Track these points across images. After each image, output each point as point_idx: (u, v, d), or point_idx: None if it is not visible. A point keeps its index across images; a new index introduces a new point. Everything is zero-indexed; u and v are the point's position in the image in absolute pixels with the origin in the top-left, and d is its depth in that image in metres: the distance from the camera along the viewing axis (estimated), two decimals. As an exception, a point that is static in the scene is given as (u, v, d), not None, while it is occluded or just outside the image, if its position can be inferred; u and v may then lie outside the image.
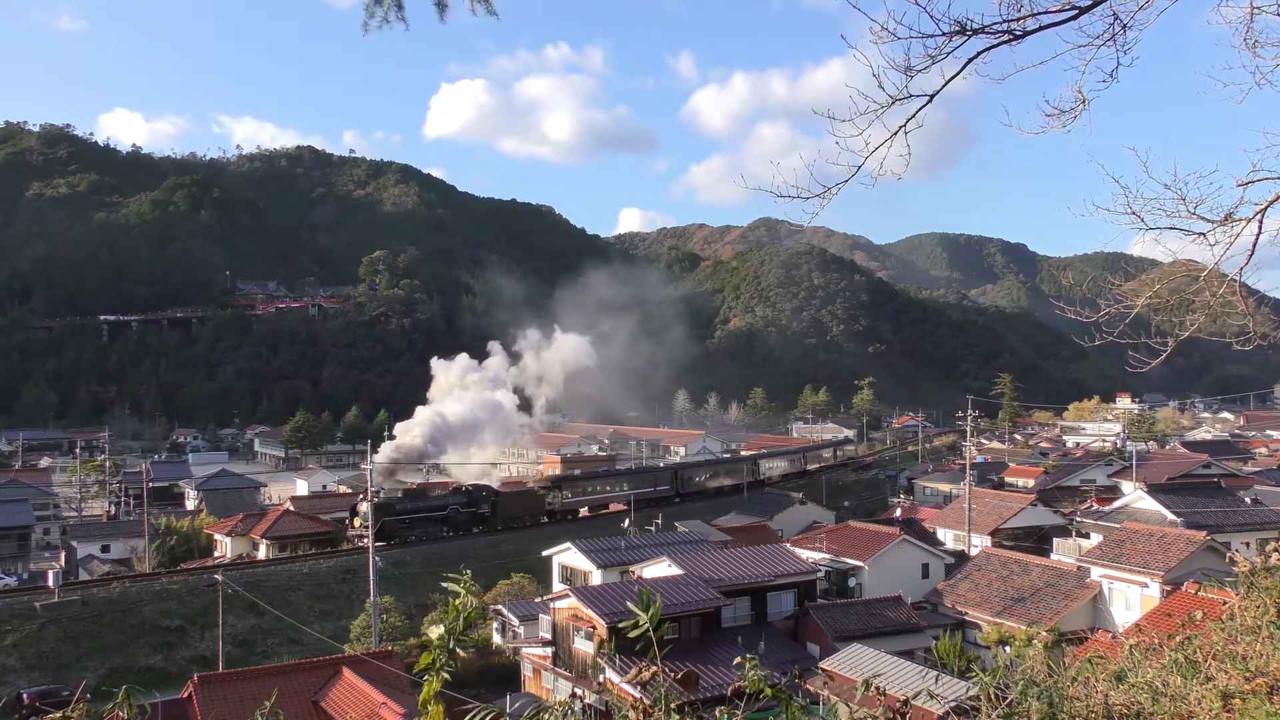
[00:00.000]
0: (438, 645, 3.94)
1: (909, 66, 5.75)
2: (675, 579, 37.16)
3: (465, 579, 4.26)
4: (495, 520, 70.58)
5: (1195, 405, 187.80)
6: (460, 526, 69.09)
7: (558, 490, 76.68)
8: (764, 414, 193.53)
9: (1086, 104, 6.16)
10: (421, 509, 67.16)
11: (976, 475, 72.72)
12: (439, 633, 4.01)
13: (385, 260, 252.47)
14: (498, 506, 71.23)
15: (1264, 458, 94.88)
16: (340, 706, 26.12)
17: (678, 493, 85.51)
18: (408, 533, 65.57)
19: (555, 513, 75.21)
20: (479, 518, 70.20)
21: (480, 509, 70.12)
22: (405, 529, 65.55)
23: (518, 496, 75.17)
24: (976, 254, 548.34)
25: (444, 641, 3.96)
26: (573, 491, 77.94)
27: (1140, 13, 5.73)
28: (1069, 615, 37.80)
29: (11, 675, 44.08)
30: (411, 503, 67.45)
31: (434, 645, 3.94)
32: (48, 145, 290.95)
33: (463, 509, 69.21)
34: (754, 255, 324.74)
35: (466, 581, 4.24)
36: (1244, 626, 4.98)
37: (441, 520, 67.94)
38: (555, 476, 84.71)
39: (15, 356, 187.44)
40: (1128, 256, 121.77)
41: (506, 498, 73.44)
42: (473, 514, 69.59)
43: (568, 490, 77.55)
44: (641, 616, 4.07)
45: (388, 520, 63.45)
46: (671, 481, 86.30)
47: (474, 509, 69.73)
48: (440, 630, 4.02)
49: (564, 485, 78.63)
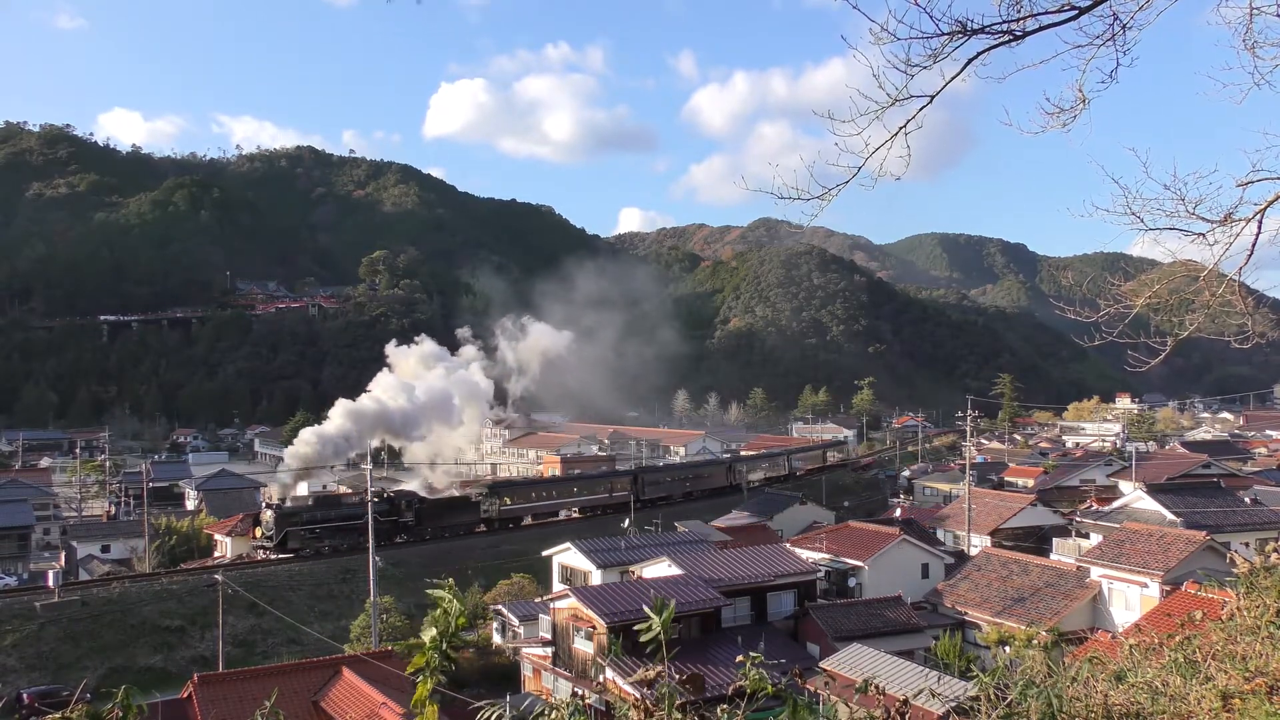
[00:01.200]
0: (430, 647, 3.95)
1: (909, 65, 5.75)
2: (675, 579, 37.18)
3: (449, 585, 4.24)
4: (421, 529, 67.00)
5: (1195, 405, 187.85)
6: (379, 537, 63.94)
7: (495, 497, 72.58)
8: (764, 414, 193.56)
9: (1087, 103, 6.17)
10: (333, 518, 63.08)
11: (976, 475, 72.77)
12: (431, 635, 4.01)
13: (385, 260, 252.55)
14: (423, 514, 67.61)
15: (1264, 458, 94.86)
16: (340, 706, 26.12)
17: (639, 499, 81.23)
18: (316, 544, 61.77)
19: (493, 521, 71.48)
20: (401, 527, 66.36)
21: (402, 517, 66.35)
22: (313, 540, 61.69)
23: (448, 504, 71.36)
24: (976, 254, 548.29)
25: (436, 644, 3.97)
26: (514, 498, 74.20)
27: (1140, 13, 5.74)
28: (1069, 615, 37.80)
29: (11, 675, 44.08)
30: (322, 511, 63.30)
31: (427, 647, 3.95)
32: (48, 145, 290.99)
33: (383, 517, 63.28)
34: (754, 255, 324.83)
35: (450, 587, 4.22)
36: (1244, 626, 4.99)
37: (358, 530, 62.15)
38: (494, 482, 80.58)
39: (15, 356, 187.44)
40: (1128, 256, 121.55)
41: (434, 505, 69.77)
42: (394, 523, 65.55)
43: (507, 497, 73.72)
44: (655, 620, 4.07)
45: (291, 530, 60.84)
46: (632, 487, 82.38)
47: (395, 517, 65.68)
48: (433, 633, 4.02)
49: (503, 492, 74.67)
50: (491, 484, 77.47)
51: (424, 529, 67.16)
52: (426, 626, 4.03)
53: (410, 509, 67.08)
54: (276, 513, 62.17)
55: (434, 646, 3.96)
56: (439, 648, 3.96)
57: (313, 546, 61.59)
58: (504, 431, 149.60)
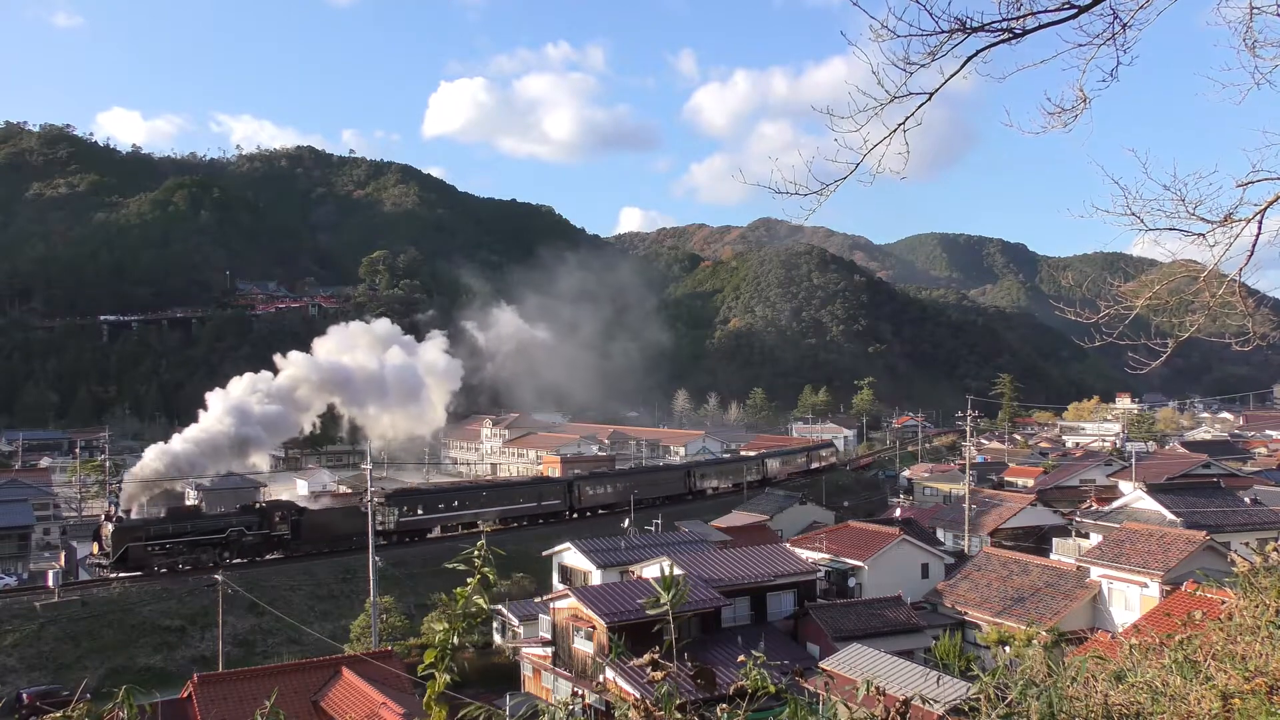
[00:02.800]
0: (442, 639, 3.88)
1: (909, 63, 5.75)
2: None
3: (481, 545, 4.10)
4: (297, 544, 61.62)
5: (1195, 405, 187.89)
6: (247, 552, 59.64)
7: (393, 507, 67.14)
8: (764, 414, 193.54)
9: (1087, 103, 6.16)
10: (188, 532, 57.69)
11: (976, 475, 72.80)
12: (444, 627, 3.94)
13: (385, 260, 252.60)
14: (301, 527, 62.14)
15: (1263, 458, 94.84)
16: (340, 706, 26.12)
17: (573, 509, 77.47)
18: (165, 560, 56.33)
19: (392, 534, 66.17)
20: (275, 541, 61.20)
21: (275, 530, 61.13)
22: (162, 556, 56.33)
23: (333, 515, 65.41)
24: (976, 254, 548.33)
25: (448, 637, 3.90)
26: (420, 508, 69.00)
27: (1140, 12, 5.73)
28: (1069, 615, 37.83)
29: (11, 675, 44.13)
30: (175, 524, 57.76)
31: (439, 639, 3.88)
32: (48, 145, 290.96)
33: (251, 530, 59.73)
34: (753, 255, 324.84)
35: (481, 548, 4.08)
36: (1243, 626, 4.98)
37: (219, 545, 58.48)
38: (397, 491, 74.44)
39: (15, 356, 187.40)
40: (1127, 257, 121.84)
41: (315, 517, 64.22)
42: (265, 537, 60.55)
43: (408, 507, 68.64)
44: (663, 595, 4.02)
45: (134, 546, 55.03)
46: (565, 495, 77.70)
47: (267, 531, 60.70)
48: (445, 626, 3.96)
49: (403, 501, 69.22)
50: (391, 493, 71.24)
51: (303, 543, 61.85)
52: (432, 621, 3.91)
53: (285, 521, 61.80)
54: (117, 526, 55.69)
55: (445, 640, 3.90)
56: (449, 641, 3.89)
57: (163, 564, 56.13)
58: (503, 432, 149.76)
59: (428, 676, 3.95)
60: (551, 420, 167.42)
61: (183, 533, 57.68)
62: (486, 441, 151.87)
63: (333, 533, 63.52)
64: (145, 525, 56.87)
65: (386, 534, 65.24)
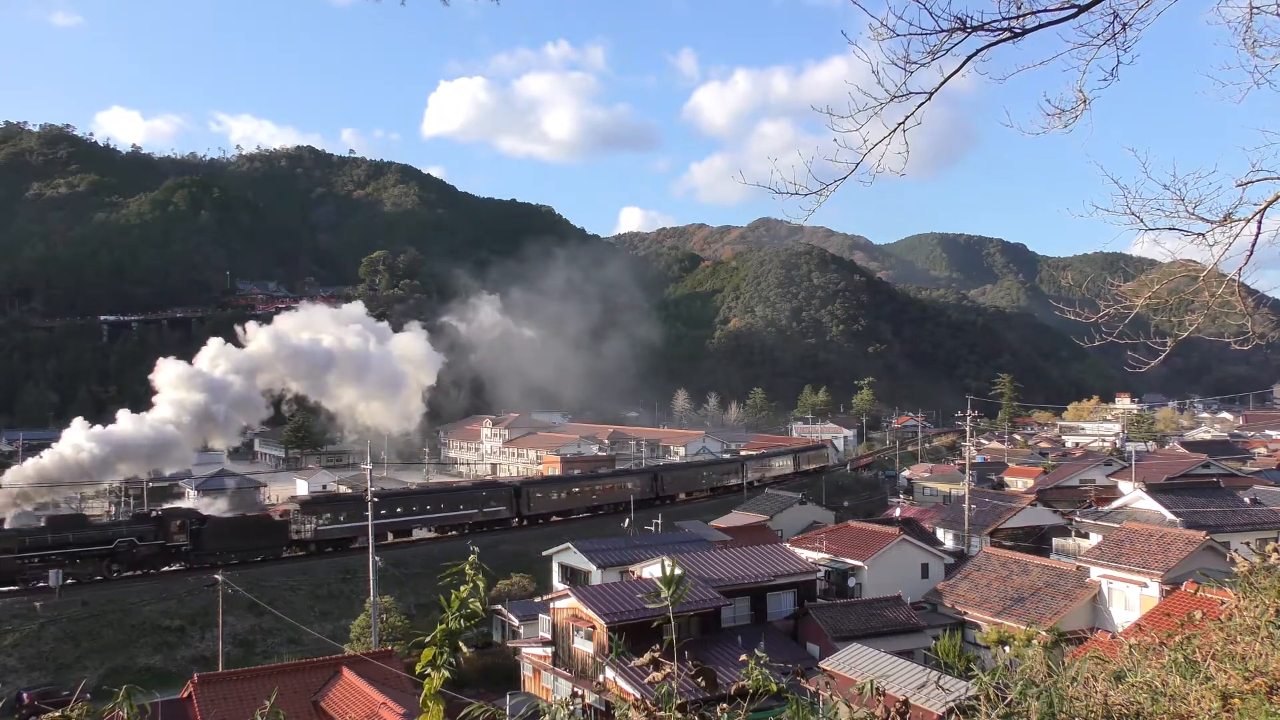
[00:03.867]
0: (440, 638, 3.89)
1: (909, 62, 5.75)
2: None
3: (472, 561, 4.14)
4: (199, 555, 57.48)
5: (1194, 405, 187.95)
6: (140, 564, 55.54)
7: (311, 516, 63.22)
8: (764, 414, 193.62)
9: (1087, 103, 6.16)
10: (69, 543, 53.18)
11: (976, 475, 72.81)
12: (441, 627, 3.96)
13: (385, 260, 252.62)
14: (203, 537, 57.87)
15: (1263, 458, 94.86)
16: (340, 706, 26.12)
17: (520, 515, 73.36)
18: (37, 574, 51.97)
19: (307, 543, 62.48)
20: (171, 552, 56.98)
21: (172, 541, 56.88)
22: (32, 570, 51.92)
23: (240, 525, 61.83)
24: (976, 254, 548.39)
25: (444, 636, 3.91)
26: (342, 516, 64.25)
27: (1140, 11, 5.73)
28: (1068, 615, 37.84)
29: (11, 675, 44.11)
30: (54, 534, 53.09)
31: (436, 637, 3.90)
32: (48, 145, 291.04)
33: (143, 541, 55.55)
34: (753, 255, 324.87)
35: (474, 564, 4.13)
36: (1243, 626, 4.98)
37: (106, 556, 54.44)
38: (312, 497, 70.13)
39: (15, 356, 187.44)
40: (1127, 257, 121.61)
41: (220, 526, 60.04)
42: (161, 548, 56.35)
43: (328, 515, 64.15)
44: (664, 591, 4.02)
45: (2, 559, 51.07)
46: (512, 502, 73.34)
47: (162, 541, 56.52)
48: (442, 626, 3.97)
49: (325, 509, 64.75)
50: (306, 500, 67.54)
51: (205, 555, 57.59)
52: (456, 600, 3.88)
53: (184, 531, 57.55)
54: None
55: (442, 638, 3.92)
56: (450, 641, 3.91)
57: (38, 577, 52.02)
58: (503, 432, 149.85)
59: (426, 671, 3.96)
60: (551, 420, 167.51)
61: (63, 543, 53.10)
62: (486, 441, 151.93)
63: (241, 543, 59.56)
64: (19, 535, 52.67)
65: (302, 544, 62.01)
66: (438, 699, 3.95)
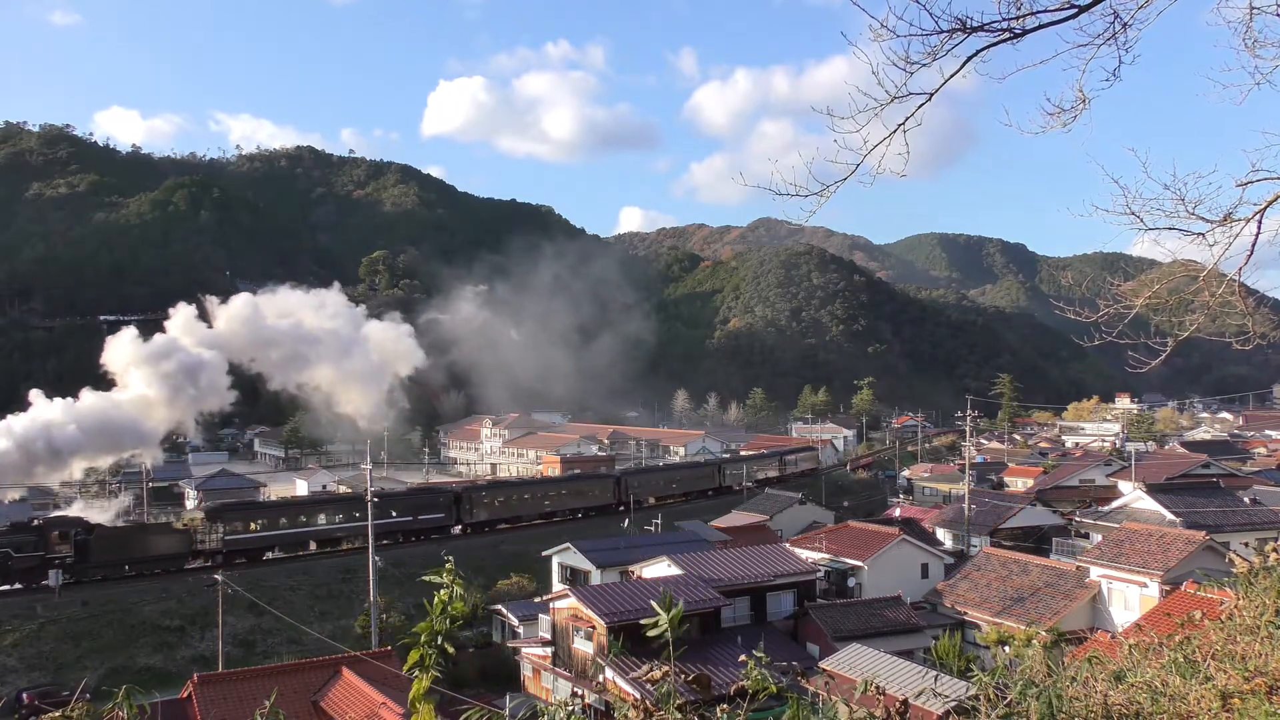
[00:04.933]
0: (425, 640, 3.91)
1: (909, 63, 5.75)
2: (675, 579, 37.18)
3: (449, 568, 4.17)
4: (85, 568, 53.45)
5: (1194, 405, 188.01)
6: (15, 577, 51.81)
7: (219, 524, 59.07)
8: (764, 414, 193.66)
9: (1087, 104, 6.16)
10: None
11: (976, 475, 72.80)
12: (425, 624, 3.98)
13: (385, 260, 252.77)
14: (90, 548, 53.73)
15: (1263, 458, 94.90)
16: (340, 706, 26.13)
17: (460, 522, 69.43)
18: None
19: (215, 554, 58.34)
20: (54, 565, 52.79)
21: (53, 552, 52.99)
22: None
23: (136, 534, 57.33)
24: (976, 254, 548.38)
25: (430, 637, 3.93)
26: (254, 525, 60.49)
27: (1140, 11, 5.74)
28: (1068, 615, 37.83)
29: (11, 675, 44.12)
30: None
31: (421, 640, 3.92)
32: (48, 145, 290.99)
33: (20, 552, 51.76)
34: (753, 255, 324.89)
35: (450, 570, 4.16)
36: (1243, 626, 4.98)
37: None
38: (220, 505, 65.30)
39: (15, 356, 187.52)
40: (1127, 256, 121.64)
41: (109, 536, 55.65)
42: (41, 559, 52.43)
43: (239, 523, 60.02)
44: (662, 616, 4.05)
45: None
46: (452, 509, 68.99)
47: (42, 553, 52.59)
48: (425, 624, 3.99)
49: (232, 517, 60.41)
50: (214, 508, 63.60)
51: (93, 567, 53.86)
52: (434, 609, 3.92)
53: (67, 541, 53.55)
54: None
55: (429, 640, 3.94)
56: (434, 641, 3.94)
57: None
58: (503, 432, 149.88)
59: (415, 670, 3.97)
60: (551, 420, 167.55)
61: None
62: (486, 441, 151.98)
63: (135, 554, 55.38)
64: None
65: (208, 554, 58.18)
66: (427, 699, 3.96)
